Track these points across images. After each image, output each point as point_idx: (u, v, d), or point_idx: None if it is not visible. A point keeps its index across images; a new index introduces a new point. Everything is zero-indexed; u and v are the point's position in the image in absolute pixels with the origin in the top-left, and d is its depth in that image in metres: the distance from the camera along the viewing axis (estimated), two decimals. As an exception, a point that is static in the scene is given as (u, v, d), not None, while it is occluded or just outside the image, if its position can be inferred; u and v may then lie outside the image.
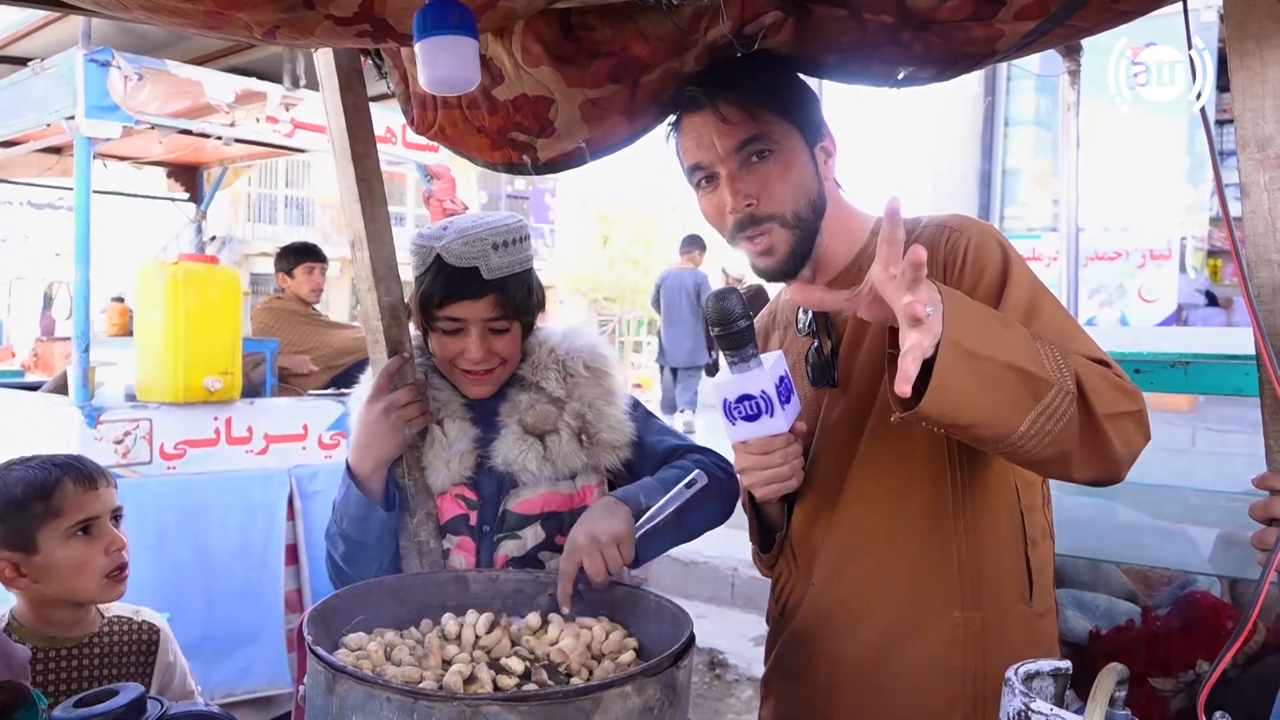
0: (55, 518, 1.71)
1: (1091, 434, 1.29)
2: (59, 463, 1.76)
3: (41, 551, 1.71)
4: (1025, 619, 1.49)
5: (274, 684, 4.11)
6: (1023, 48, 1.49)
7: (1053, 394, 1.24)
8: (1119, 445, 1.30)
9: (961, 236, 1.47)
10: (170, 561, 3.90)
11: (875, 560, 1.53)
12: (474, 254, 1.71)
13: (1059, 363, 1.27)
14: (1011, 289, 1.42)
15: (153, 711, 1.19)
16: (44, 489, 1.71)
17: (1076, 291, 4.60)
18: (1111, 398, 1.30)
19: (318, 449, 4.40)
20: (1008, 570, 1.48)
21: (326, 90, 1.84)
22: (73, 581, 1.73)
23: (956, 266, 1.45)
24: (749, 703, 4.49)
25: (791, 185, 1.51)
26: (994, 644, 1.47)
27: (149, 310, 4.02)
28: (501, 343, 1.77)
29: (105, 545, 1.76)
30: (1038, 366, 1.25)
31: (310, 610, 1.39)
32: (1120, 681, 1.00)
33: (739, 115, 1.49)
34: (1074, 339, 1.38)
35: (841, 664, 1.57)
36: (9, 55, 4.33)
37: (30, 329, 17.83)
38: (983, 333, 1.23)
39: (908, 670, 1.50)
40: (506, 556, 1.75)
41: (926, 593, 1.49)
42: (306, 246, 5.90)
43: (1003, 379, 1.23)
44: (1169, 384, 1.98)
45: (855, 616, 1.56)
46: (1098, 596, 2.01)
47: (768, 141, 1.50)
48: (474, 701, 1.15)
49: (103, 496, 1.78)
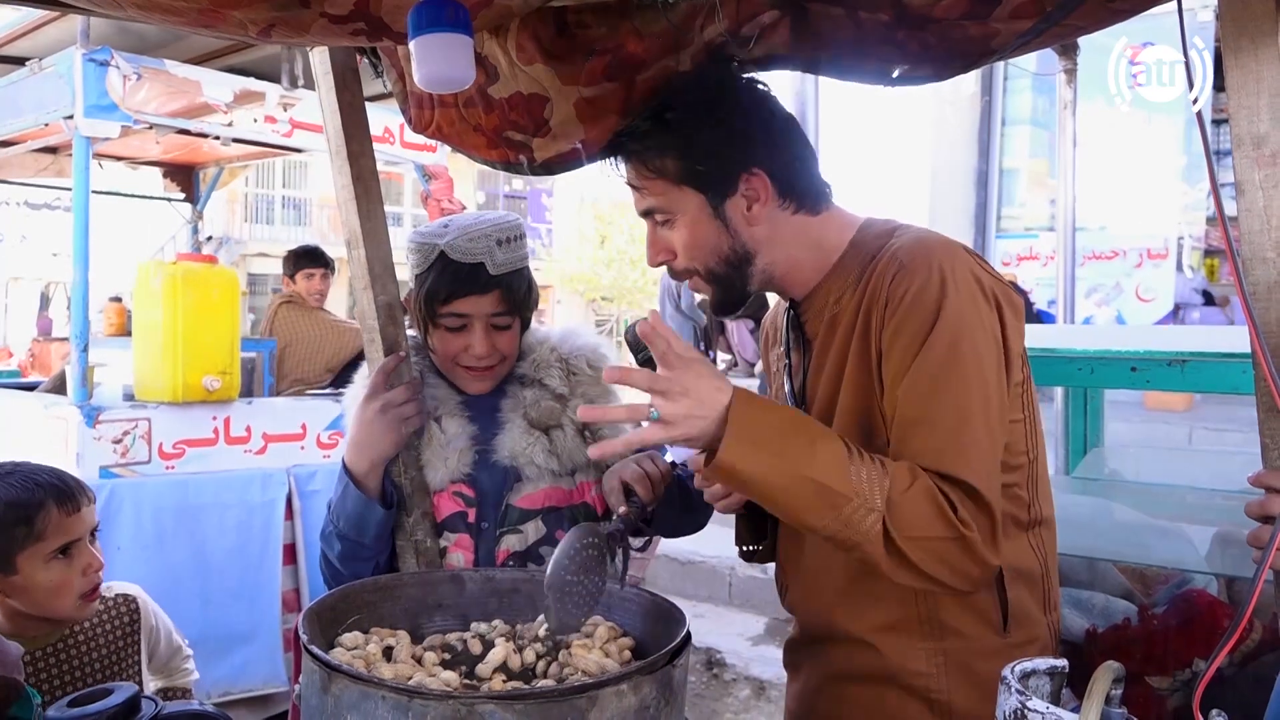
0: (37, 541, 1.68)
1: (896, 558, 1.28)
2: (42, 483, 1.72)
3: (21, 573, 1.68)
4: (997, 650, 1.42)
5: (270, 683, 4.11)
6: (1019, 47, 1.49)
7: (851, 508, 1.26)
8: (929, 567, 1.29)
9: (906, 276, 1.38)
10: (168, 561, 3.90)
11: (839, 585, 1.51)
12: (479, 250, 1.73)
13: (871, 483, 1.27)
14: (918, 367, 1.34)
15: (147, 711, 1.19)
16: (27, 512, 1.67)
17: (1073, 291, 4.61)
18: (925, 523, 1.28)
19: (316, 448, 4.40)
20: (972, 603, 1.45)
21: (322, 89, 1.84)
22: (49, 602, 1.72)
23: (893, 305, 1.38)
24: (746, 702, 4.49)
25: (696, 248, 1.50)
26: (959, 677, 1.45)
27: (147, 310, 4.02)
28: (503, 339, 1.79)
29: (84, 567, 1.74)
30: (834, 478, 1.26)
31: (306, 609, 1.39)
32: (1116, 680, 1.00)
33: (637, 182, 1.52)
34: (954, 439, 1.32)
35: (825, 676, 1.58)
36: (7, 55, 4.33)
37: (27, 329, 17.85)
38: (769, 439, 1.27)
39: (881, 694, 1.49)
40: (508, 551, 1.76)
41: (890, 624, 1.47)
42: (309, 250, 5.96)
43: (794, 480, 1.27)
44: (1166, 382, 1.98)
45: (826, 636, 1.56)
46: (1094, 595, 2.01)
47: (665, 211, 1.50)
48: (469, 700, 1.14)
49: (84, 518, 1.76)
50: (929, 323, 1.34)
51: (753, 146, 1.46)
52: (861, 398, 1.43)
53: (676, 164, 1.46)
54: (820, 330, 1.51)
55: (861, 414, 1.43)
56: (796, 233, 1.51)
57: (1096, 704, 0.97)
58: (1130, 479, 2.47)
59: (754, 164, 1.46)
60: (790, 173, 1.49)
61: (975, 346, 1.35)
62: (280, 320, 5.73)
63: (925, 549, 1.28)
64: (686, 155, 1.46)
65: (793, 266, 1.52)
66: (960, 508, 1.29)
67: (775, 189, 1.47)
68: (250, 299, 17.72)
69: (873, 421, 1.42)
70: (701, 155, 1.45)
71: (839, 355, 1.46)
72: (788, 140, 1.51)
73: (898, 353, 1.37)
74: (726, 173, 1.46)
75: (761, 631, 5.20)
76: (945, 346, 1.34)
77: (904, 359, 1.36)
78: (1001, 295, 1.42)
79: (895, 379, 1.37)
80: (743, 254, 1.50)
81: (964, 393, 1.33)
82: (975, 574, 1.33)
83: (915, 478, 1.30)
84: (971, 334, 1.35)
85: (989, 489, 1.31)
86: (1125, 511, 2.21)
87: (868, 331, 1.41)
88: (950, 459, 1.31)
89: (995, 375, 1.37)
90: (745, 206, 1.47)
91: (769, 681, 4.56)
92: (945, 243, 1.44)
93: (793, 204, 1.49)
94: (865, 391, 1.42)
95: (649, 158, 1.48)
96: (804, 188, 1.50)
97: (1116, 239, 9.06)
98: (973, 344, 1.35)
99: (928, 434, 1.33)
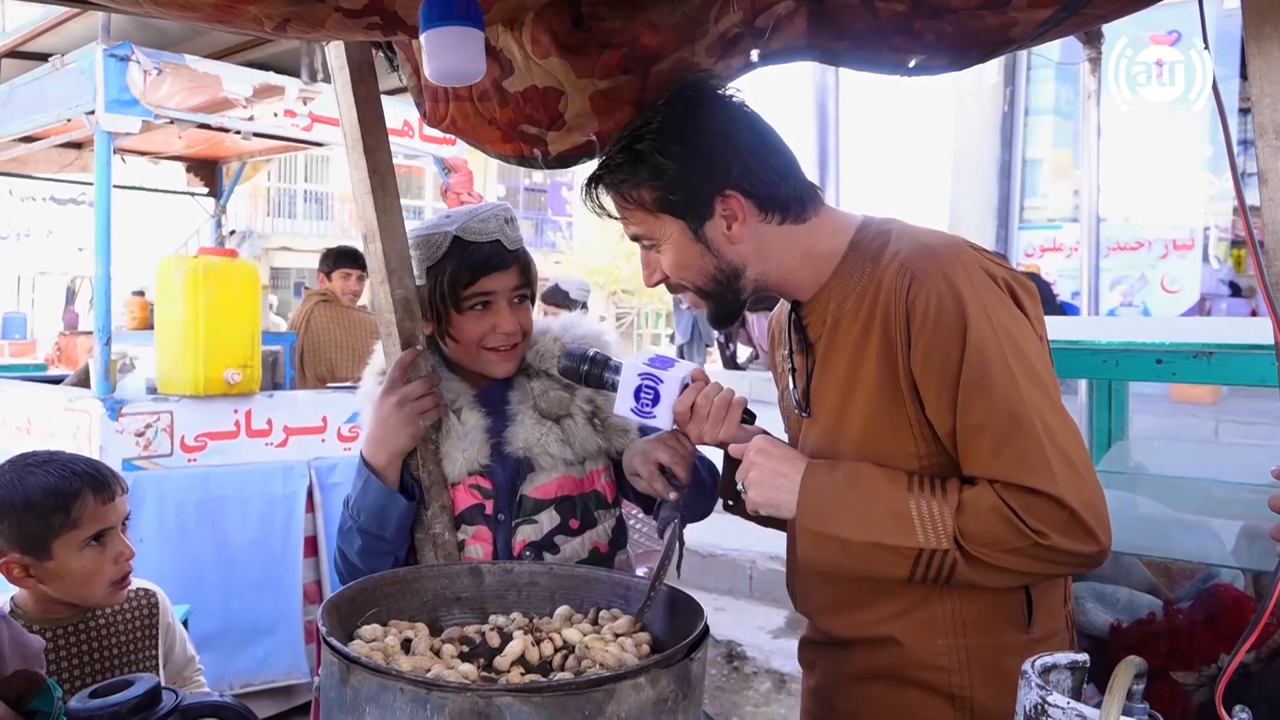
0: (73, 529, 1.71)
1: (986, 570, 1.34)
2: (79, 471, 1.75)
3: (55, 559, 1.71)
4: (1022, 646, 1.44)
5: (292, 674, 4.15)
6: (1038, 36, 1.47)
7: (925, 556, 1.34)
8: (1027, 567, 1.33)
9: (922, 290, 1.38)
10: (190, 553, 3.94)
11: (853, 589, 1.50)
12: (492, 229, 1.77)
13: (936, 520, 1.33)
14: (966, 368, 1.35)
15: (168, 702, 1.20)
16: (64, 500, 1.70)
17: (1097, 282, 4.58)
18: (999, 540, 1.31)
19: (337, 441, 4.43)
20: (997, 601, 1.45)
21: (338, 83, 1.84)
22: (80, 589, 1.75)
23: (915, 323, 1.38)
24: (767, 695, 4.49)
25: (682, 269, 1.52)
26: (981, 673, 1.45)
27: (169, 304, 4.05)
28: (524, 315, 1.83)
29: (115, 555, 1.76)
30: (900, 534, 1.34)
31: (325, 602, 1.40)
32: (1138, 675, 0.99)
33: (618, 213, 1.54)
34: (1009, 444, 1.32)
35: (842, 675, 1.57)
36: (30, 51, 4.37)
37: (53, 323, 18.03)
38: (833, 514, 1.38)
39: (900, 691, 1.49)
40: (524, 541, 1.77)
41: (912, 622, 1.47)
42: (348, 251, 6.08)
43: (862, 551, 1.37)
44: (1192, 374, 1.95)
45: (842, 638, 1.56)
46: (1119, 589, 1.99)
47: (649, 238, 1.53)
48: (487, 693, 1.14)
49: (118, 507, 1.78)
50: (958, 336, 1.35)
51: (724, 169, 1.46)
52: (879, 405, 1.43)
53: (651, 195, 1.48)
54: (823, 334, 1.51)
55: (877, 421, 1.43)
56: (784, 242, 1.51)
57: (1118, 699, 0.95)
58: (1155, 472, 2.45)
59: (727, 186, 1.46)
60: (768, 186, 1.48)
61: (1011, 343, 1.35)
62: (316, 318, 5.79)
63: (1012, 560, 1.32)
64: (659, 186, 1.47)
65: (786, 274, 1.53)
66: (1028, 517, 1.30)
67: (754, 205, 1.48)
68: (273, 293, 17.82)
69: (895, 427, 1.42)
70: (673, 185, 1.46)
71: (848, 362, 1.46)
72: (762, 154, 1.49)
73: (934, 372, 1.37)
74: (700, 199, 1.47)
75: (782, 625, 5.19)
76: (977, 356, 1.34)
77: (943, 378, 1.36)
78: (1015, 283, 1.43)
79: (939, 396, 1.37)
80: (730, 271, 1.51)
81: (1008, 396, 1.33)
82: (1080, 561, 1.34)
83: (980, 496, 1.33)
84: (1002, 332, 1.35)
85: (1054, 484, 1.29)
86: (1150, 505, 2.18)
87: (889, 344, 1.41)
88: (1007, 465, 1.32)
89: (1040, 361, 1.38)
90: (725, 227, 1.48)
91: (790, 675, 4.55)
92: (949, 244, 1.43)
93: (776, 216, 1.49)
94: (885, 399, 1.42)
95: (625, 190, 1.50)
96: (785, 198, 1.49)
97: (1141, 230, 8.97)
98: (1007, 342, 1.35)
99: (984, 444, 1.34)
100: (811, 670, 1.68)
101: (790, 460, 1.45)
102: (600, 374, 1.62)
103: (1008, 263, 1.48)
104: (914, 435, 1.42)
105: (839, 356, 1.48)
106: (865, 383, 1.44)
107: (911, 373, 1.39)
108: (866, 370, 1.44)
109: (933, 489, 1.36)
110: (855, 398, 1.45)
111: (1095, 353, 2.09)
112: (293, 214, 24.66)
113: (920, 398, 1.40)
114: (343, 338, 5.79)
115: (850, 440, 1.46)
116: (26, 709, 1.39)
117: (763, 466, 1.45)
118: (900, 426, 1.42)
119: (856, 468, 1.42)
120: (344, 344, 5.78)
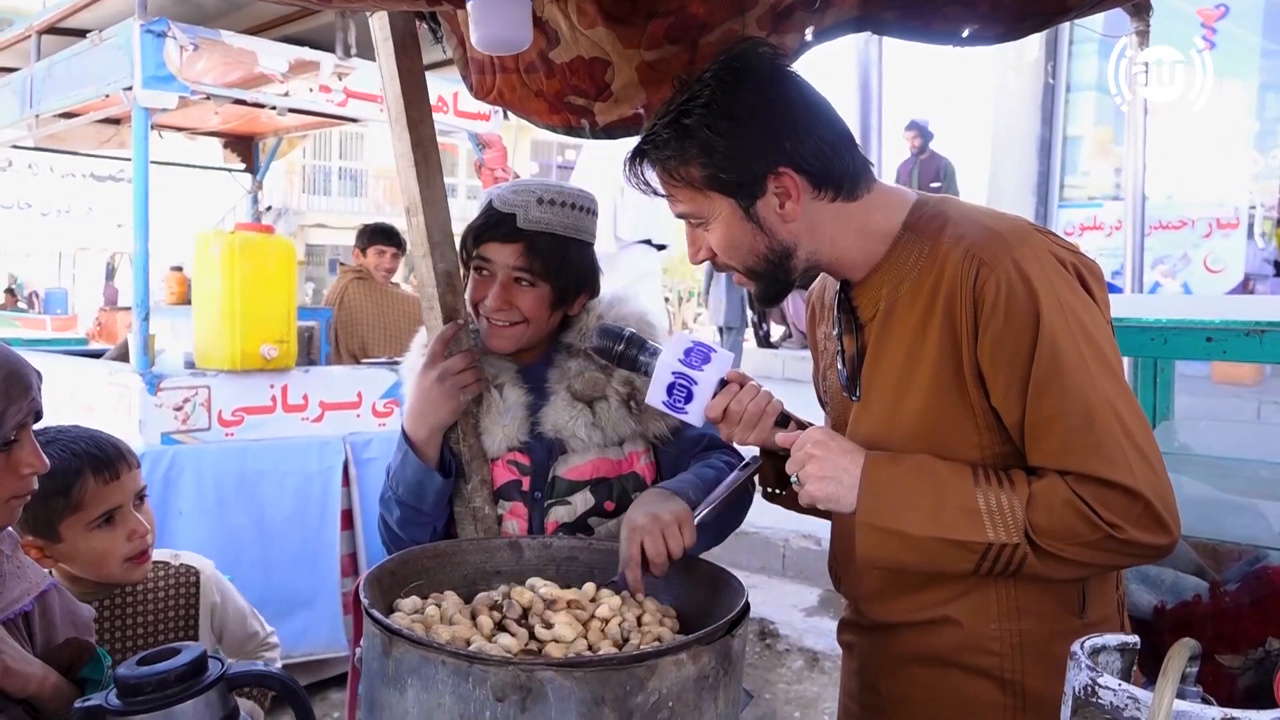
0: (76, 511, 1.67)
1: (1056, 563, 1.32)
2: (79, 452, 1.68)
3: (65, 541, 1.68)
4: (1075, 631, 1.41)
5: (331, 647, 4.18)
6: (1095, 5, 1.43)
7: (994, 550, 1.32)
8: (1100, 559, 1.32)
9: (991, 277, 1.34)
10: (229, 527, 3.98)
11: (900, 577, 1.48)
12: (517, 202, 1.75)
13: (1005, 513, 1.30)
14: (1038, 358, 1.32)
15: (213, 670, 1.20)
16: (64, 481, 1.65)
17: (1141, 261, 4.50)
18: (1071, 533, 1.29)
19: (372, 417, 4.45)
20: (1053, 587, 1.42)
21: (382, 55, 1.83)
22: (95, 569, 1.72)
23: (985, 311, 1.34)
24: (799, 673, 4.48)
25: (731, 249, 1.46)
26: (1033, 658, 1.43)
27: (206, 279, 4.07)
28: (525, 298, 1.76)
29: (128, 533, 1.72)
30: (968, 529, 1.31)
31: (367, 574, 1.40)
32: (1192, 657, 0.97)
33: (665, 190, 1.48)
34: (1082, 435, 1.29)
35: (887, 657, 1.56)
36: (68, 27, 4.39)
37: (94, 299, 18.26)
38: (897, 509, 1.34)
39: (947, 674, 1.47)
40: (557, 523, 1.77)
41: (963, 608, 1.45)
42: (383, 228, 6.12)
43: (927, 547, 1.33)
44: (1243, 353, 1.90)
45: (887, 621, 1.54)
46: (1164, 571, 1.96)
47: (696, 216, 1.47)
48: (529, 666, 1.14)
49: (125, 484, 1.73)
50: (1030, 325, 1.32)
51: (777, 145, 1.40)
52: (939, 393, 1.40)
53: (700, 173, 1.42)
54: (877, 316, 1.47)
55: (937, 409, 1.40)
56: (838, 220, 1.46)
57: (1172, 681, 0.94)
58: (1201, 453, 2.40)
59: (780, 163, 1.40)
60: (822, 162, 1.42)
61: (1083, 331, 1.33)
62: (350, 294, 5.83)
63: (1083, 553, 1.30)
64: (709, 164, 1.41)
65: (839, 254, 1.48)
66: (1102, 509, 1.28)
67: (807, 182, 1.42)
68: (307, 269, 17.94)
69: (956, 416, 1.40)
70: (724, 163, 1.40)
71: (906, 347, 1.43)
72: (816, 128, 1.43)
73: (1004, 361, 1.34)
74: (753, 176, 1.41)
75: (815, 603, 5.18)
76: (1050, 346, 1.31)
77: (1013, 367, 1.33)
78: (1083, 267, 1.39)
79: (1009, 385, 1.35)
80: (781, 251, 1.46)
81: (1082, 386, 1.31)
82: (1152, 553, 1.32)
83: (1052, 489, 1.30)
84: (1074, 320, 1.33)
85: (1129, 475, 1.27)
86: (1196, 486, 2.14)
87: (953, 332, 1.38)
88: (1080, 457, 1.30)
89: (1110, 347, 1.36)
90: (778, 205, 1.42)
91: (822, 653, 4.54)
92: (1015, 228, 1.39)
93: (829, 193, 1.44)
94: (946, 387, 1.39)
95: (671, 167, 1.44)
96: (839, 174, 1.43)
97: (1184, 208, 8.81)
98: (1079, 330, 1.32)
99: (1056, 435, 1.32)
100: (852, 651, 1.67)
101: (850, 453, 1.41)
102: (635, 356, 1.57)
103: (1074, 245, 1.44)
104: (977, 425, 1.39)
105: (895, 341, 1.44)
106: (925, 369, 1.40)
107: (978, 361, 1.36)
108: (926, 357, 1.40)
109: (1000, 482, 1.33)
110: (913, 384, 1.42)
111: (1144, 330, 2.04)
112: (328, 191, 24.82)
113: (985, 386, 1.37)
114: (375, 315, 5.83)
115: (906, 427, 1.42)
116: (77, 677, 1.40)
117: (822, 460, 1.40)
118: (962, 415, 1.39)
119: (919, 460, 1.38)
120: (376, 321, 5.81)
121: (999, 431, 1.38)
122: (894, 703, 1.55)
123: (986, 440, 1.39)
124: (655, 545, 1.50)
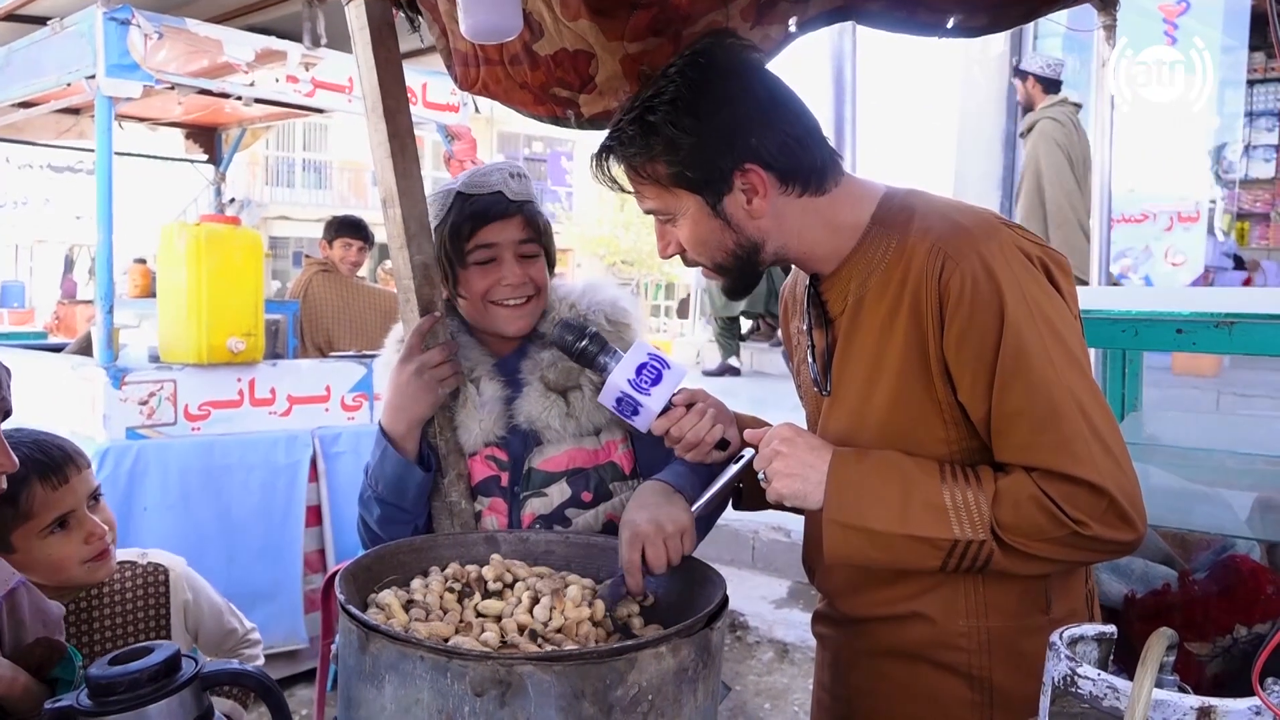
0: (27, 520, 1.62)
1: (1022, 559, 1.32)
2: (24, 458, 1.55)
3: (19, 551, 1.63)
4: (1042, 628, 1.39)
5: (291, 640, 4.18)
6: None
7: (960, 547, 1.32)
8: (1063, 555, 1.32)
9: (956, 271, 1.33)
10: (194, 520, 3.95)
11: (878, 574, 1.48)
12: (494, 181, 1.75)
13: (972, 510, 1.31)
14: (1003, 353, 1.31)
15: (187, 669, 1.19)
16: (11, 491, 1.56)
17: (1108, 255, 4.55)
18: (1037, 530, 1.29)
19: (340, 411, 4.41)
20: (1020, 583, 1.43)
21: (358, 44, 1.80)
22: (54, 575, 1.67)
23: (950, 306, 1.34)
24: (770, 664, 4.50)
25: (699, 245, 1.46)
26: (1001, 655, 1.44)
27: (172, 272, 4.02)
28: (534, 269, 1.79)
29: (85, 535, 1.67)
30: (934, 526, 1.31)
31: (342, 569, 1.38)
32: (1170, 647, 0.98)
33: (635, 186, 1.47)
34: (1047, 431, 1.29)
35: (858, 651, 1.57)
36: (28, 14, 4.30)
37: (52, 292, 17.97)
38: (863, 506, 1.34)
39: (916, 670, 1.48)
40: (533, 515, 1.75)
41: (932, 603, 1.45)
42: (351, 221, 6.07)
43: (894, 543, 1.33)
44: (1213, 344, 1.93)
45: (860, 615, 1.55)
46: (1134, 560, 1.99)
47: (664, 212, 1.46)
48: (508, 660, 1.14)
49: (75, 487, 1.67)
50: (995, 320, 1.31)
51: (743, 142, 1.38)
52: (906, 388, 1.40)
53: (666, 170, 1.41)
54: (846, 310, 1.47)
55: (905, 404, 1.40)
56: (805, 215, 1.45)
57: (1151, 671, 0.94)
58: (1169, 443, 2.44)
59: (746, 160, 1.39)
60: (789, 157, 1.41)
61: (1049, 325, 1.32)
62: (315, 287, 5.77)
63: (1049, 549, 1.30)
64: (674, 161, 1.39)
65: (807, 248, 1.48)
66: (1067, 506, 1.28)
67: (774, 178, 1.41)
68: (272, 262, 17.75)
69: (923, 411, 1.40)
70: (689, 160, 1.39)
71: (874, 342, 1.43)
72: (783, 123, 1.41)
73: (969, 356, 1.34)
74: (719, 174, 1.39)
75: (784, 595, 5.20)
76: (1014, 340, 1.31)
77: (978, 362, 1.33)
78: (1049, 260, 1.39)
79: (974, 380, 1.34)
80: (749, 246, 1.45)
81: (1047, 382, 1.30)
82: (1118, 549, 1.33)
83: (1018, 486, 1.30)
84: (1039, 314, 1.32)
85: (1095, 472, 1.27)
86: (1165, 476, 2.17)
87: (919, 326, 1.37)
88: (1046, 453, 1.29)
89: (1076, 342, 1.35)
90: (745, 201, 1.41)
91: (792, 645, 4.56)
92: (981, 221, 1.39)
93: (796, 188, 1.43)
94: (913, 382, 1.39)
95: (638, 164, 1.43)
96: (806, 169, 1.42)
97: (1146, 201, 8.91)
98: (1044, 324, 1.32)
99: (1022, 431, 1.32)
100: (825, 643, 1.67)
101: (816, 450, 1.40)
102: (595, 354, 1.57)
103: (1040, 238, 1.44)
104: (944, 420, 1.39)
105: (863, 335, 1.44)
106: (892, 364, 1.40)
107: (944, 356, 1.36)
108: (893, 351, 1.40)
109: (967, 478, 1.33)
110: (881, 379, 1.42)
111: (1114, 322, 2.06)
112: (291, 183, 24.57)
113: (952, 381, 1.36)
114: (341, 308, 5.77)
115: (875, 422, 1.42)
116: (48, 677, 1.37)
117: (788, 456, 1.40)
118: (929, 410, 1.39)
119: (886, 457, 1.38)
120: (342, 315, 5.76)
121: (966, 427, 1.38)
122: (865, 696, 1.56)
123: (954, 435, 1.39)
124: (657, 554, 1.49)
